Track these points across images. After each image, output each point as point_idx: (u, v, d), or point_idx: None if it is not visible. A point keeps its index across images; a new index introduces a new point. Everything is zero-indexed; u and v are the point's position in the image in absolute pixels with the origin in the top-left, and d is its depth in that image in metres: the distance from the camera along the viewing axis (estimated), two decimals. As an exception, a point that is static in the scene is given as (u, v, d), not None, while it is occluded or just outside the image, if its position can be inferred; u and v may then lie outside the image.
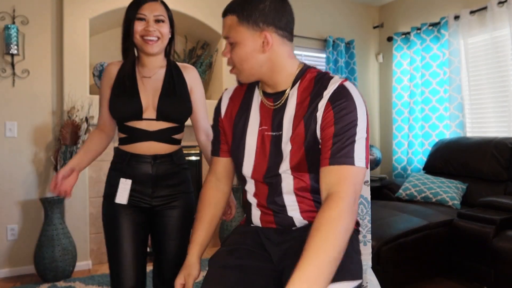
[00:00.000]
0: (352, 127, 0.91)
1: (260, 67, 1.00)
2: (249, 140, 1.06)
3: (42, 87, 2.79)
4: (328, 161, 0.91)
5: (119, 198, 1.34)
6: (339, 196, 0.86)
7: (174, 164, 1.41)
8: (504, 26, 3.06)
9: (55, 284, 2.52)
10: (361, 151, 0.91)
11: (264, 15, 0.95)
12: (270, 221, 1.08)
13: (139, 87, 1.36)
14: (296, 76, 1.02)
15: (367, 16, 4.35)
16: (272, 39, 0.97)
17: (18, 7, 2.70)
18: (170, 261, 1.39)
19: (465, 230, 2.31)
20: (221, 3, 3.32)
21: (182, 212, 1.41)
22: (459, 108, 3.39)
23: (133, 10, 1.32)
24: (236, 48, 0.98)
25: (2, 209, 2.69)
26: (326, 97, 0.95)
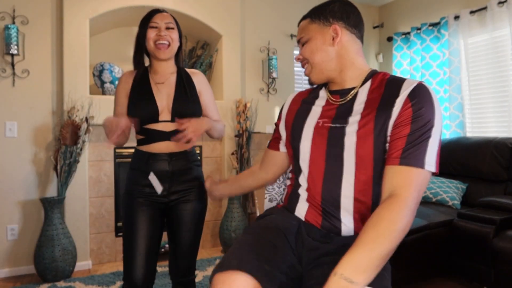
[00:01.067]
0: (428, 128, 0.90)
1: (330, 60, 1.04)
2: (306, 131, 1.08)
3: (42, 87, 2.79)
4: (399, 160, 0.89)
5: (158, 189, 1.48)
6: (403, 200, 0.85)
7: (188, 160, 1.54)
8: (504, 26, 3.06)
9: (55, 284, 2.52)
10: (433, 154, 0.89)
11: (334, 11, 1.04)
12: (317, 221, 1.05)
13: (154, 92, 1.49)
14: (368, 75, 1.04)
15: (367, 16, 4.35)
16: (342, 33, 1.03)
17: (18, 7, 2.70)
18: (185, 251, 1.52)
19: (465, 230, 2.31)
20: (221, 3, 3.32)
21: (195, 205, 1.54)
22: (459, 108, 3.39)
23: (146, 21, 1.48)
24: (308, 43, 1.07)
25: (2, 209, 2.69)
26: (404, 94, 0.94)
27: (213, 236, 3.45)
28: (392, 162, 0.90)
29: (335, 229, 1.03)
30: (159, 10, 1.52)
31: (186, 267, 1.53)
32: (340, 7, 1.05)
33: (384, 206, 0.86)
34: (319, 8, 1.07)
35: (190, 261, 1.54)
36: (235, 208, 3.24)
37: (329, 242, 1.03)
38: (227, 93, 3.38)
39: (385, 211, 0.85)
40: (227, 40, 3.37)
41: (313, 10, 1.08)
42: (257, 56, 3.64)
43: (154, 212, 1.48)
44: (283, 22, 3.77)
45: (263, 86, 3.67)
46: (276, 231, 1.05)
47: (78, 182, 2.81)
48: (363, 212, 1.01)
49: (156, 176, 1.49)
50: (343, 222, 1.02)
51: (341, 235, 1.03)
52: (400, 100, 0.94)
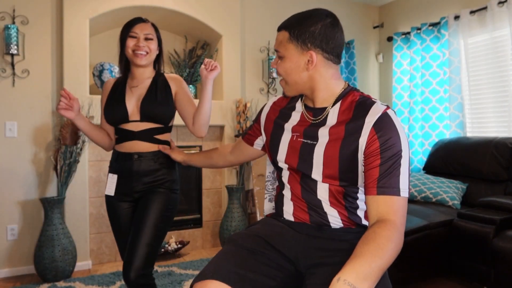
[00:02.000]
0: (398, 158, 0.97)
1: (304, 83, 1.08)
2: (284, 137, 1.15)
3: (42, 87, 2.79)
4: (376, 190, 0.96)
5: (107, 190, 1.61)
6: (392, 223, 0.92)
7: (155, 162, 1.59)
8: (504, 26, 3.06)
9: (55, 284, 2.52)
10: (405, 181, 0.96)
11: (313, 37, 1.03)
12: (304, 218, 1.12)
13: (127, 95, 1.60)
14: (338, 96, 1.08)
15: (367, 16, 4.36)
16: (317, 59, 1.04)
17: (18, 7, 2.70)
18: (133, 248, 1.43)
19: (465, 230, 2.31)
20: (221, 3, 3.32)
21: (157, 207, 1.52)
22: (459, 108, 3.39)
23: (126, 30, 1.58)
24: (283, 61, 1.09)
25: (2, 209, 2.69)
26: (369, 124, 0.99)
27: (213, 236, 3.45)
28: (370, 192, 0.97)
29: (323, 222, 1.09)
30: (140, 20, 1.61)
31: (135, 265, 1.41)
32: (321, 30, 1.03)
33: (379, 225, 0.92)
34: (300, 27, 1.04)
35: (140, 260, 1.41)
36: (235, 208, 3.24)
37: (321, 236, 1.08)
38: (227, 93, 3.38)
39: (380, 230, 0.90)
40: (227, 40, 3.37)
41: (294, 25, 1.05)
42: (257, 56, 3.64)
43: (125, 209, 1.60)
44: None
45: (263, 86, 3.67)
46: (255, 239, 1.10)
47: (78, 182, 2.81)
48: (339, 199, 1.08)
49: (123, 175, 1.58)
50: (329, 214, 1.08)
51: (331, 227, 1.09)
52: (365, 131, 0.99)
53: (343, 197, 1.07)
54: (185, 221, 3.35)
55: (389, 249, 0.87)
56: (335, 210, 1.08)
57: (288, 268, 1.05)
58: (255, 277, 0.98)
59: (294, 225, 1.13)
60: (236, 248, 1.07)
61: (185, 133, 3.32)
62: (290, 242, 1.09)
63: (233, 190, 3.26)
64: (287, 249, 1.08)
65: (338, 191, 1.06)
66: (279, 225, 1.15)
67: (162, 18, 3.22)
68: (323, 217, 1.09)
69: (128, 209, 1.61)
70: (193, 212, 3.42)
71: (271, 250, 1.07)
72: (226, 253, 1.06)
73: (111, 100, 1.61)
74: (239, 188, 3.29)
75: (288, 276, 1.04)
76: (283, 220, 1.16)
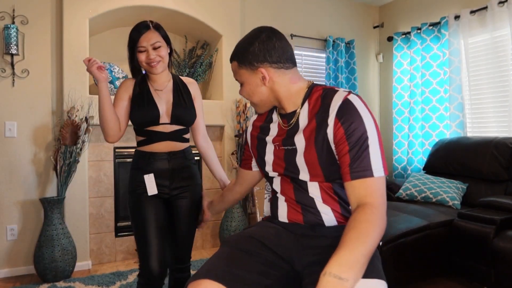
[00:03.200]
0: (364, 140, 0.98)
1: (267, 97, 1.13)
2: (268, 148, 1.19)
3: (42, 87, 2.79)
4: (349, 176, 0.98)
5: (150, 191, 1.60)
6: (372, 205, 0.94)
7: (186, 159, 1.70)
8: (504, 26, 3.05)
9: (55, 284, 2.52)
10: (377, 161, 0.97)
11: (255, 55, 1.08)
12: (298, 219, 1.13)
13: (155, 98, 1.64)
14: (304, 97, 1.11)
15: (367, 16, 4.35)
16: (268, 73, 1.09)
17: (18, 7, 2.70)
18: (182, 242, 1.69)
19: (465, 230, 2.31)
20: (221, 3, 3.32)
21: (190, 202, 1.69)
22: (459, 108, 3.39)
23: (133, 43, 1.58)
24: (243, 87, 1.15)
25: (2, 209, 2.68)
26: (333, 114, 1.02)
27: (213, 236, 3.45)
28: (346, 179, 0.99)
29: (317, 221, 1.11)
30: (144, 28, 1.57)
31: (182, 255, 1.71)
32: (260, 47, 1.08)
33: (359, 211, 0.93)
34: (242, 52, 1.10)
35: (186, 250, 1.72)
36: (235, 208, 3.24)
37: (316, 235, 1.10)
38: (227, 93, 3.38)
39: (360, 215, 0.91)
40: (227, 40, 3.37)
41: (238, 54, 1.12)
42: (257, 56, 3.63)
43: (160, 204, 1.63)
44: (283, 22, 3.77)
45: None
46: (250, 240, 1.12)
47: (78, 182, 2.81)
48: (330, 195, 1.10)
49: (158, 173, 1.63)
50: (322, 212, 1.10)
51: (325, 225, 1.10)
52: (330, 120, 1.02)
53: (334, 192, 1.09)
54: (185, 221, 3.35)
55: (370, 232, 0.88)
56: (328, 207, 1.09)
57: (284, 267, 1.07)
58: (249, 276, 0.99)
59: (288, 226, 1.15)
60: (230, 249, 1.09)
61: (185, 133, 3.32)
62: (284, 242, 1.11)
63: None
64: (282, 249, 1.10)
65: (328, 186, 1.08)
66: (273, 227, 1.17)
67: (162, 18, 3.22)
68: (316, 216, 1.10)
69: (159, 206, 1.63)
70: (193, 212, 3.42)
71: (266, 250, 1.09)
72: (220, 254, 1.08)
73: (140, 102, 1.62)
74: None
75: (284, 274, 1.05)
76: (278, 222, 1.18)
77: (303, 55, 3.97)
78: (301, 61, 3.98)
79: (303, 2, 3.88)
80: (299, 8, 3.83)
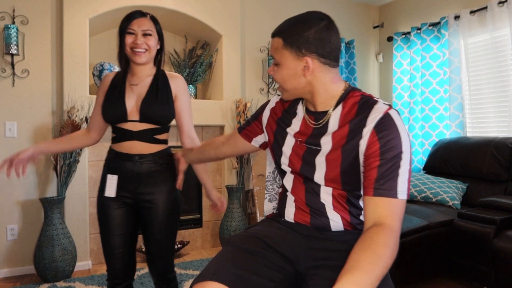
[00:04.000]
0: (397, 160, 0.94)
1: (302, 88, 1.06)
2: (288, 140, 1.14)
3: (42, 87, 2.79)
4: (373, 191, 0.95)
5: (107, 192, 1.52)
6: (390, 227, 0.91)
7: (156, 163, 1.54)
8: (504, 26, 3.05)
9: (55, 284, 2.52)
10: (404, 184, 0.94)
11: (308, 42, 1.00)
12: (305, 220, 1.11)
13: (127, 93, 1.53)
14: (339, 99, 1.05)
15: (367, 16, 4.35)
16: (313, 65, 1.01)
17: (18, 7, 2.70)
18: (159, 252, 1.55)
19: (465, 230, 2.31)
20: (221, 3, 3.32)
21: (164, 209, 1.54)
22: (459, 108, 3.39)
23: (124, 25, 1.50)
24: (280, 68, 1.06)
25: (2, 209, 2.69)
26: (370, 125, 0.97)
27: (213, 236, 3.45)
28: (367, 193, 0.96)
29: (324, 225, 1.09)
30: (139, 14, 1.52)
31: (162, 267, 1.57)
32: (316, 35, 1.00)
33: (377, 232, 0.90)
34: (294, 32, 1.01)
35: (166, 261, 1.57)
36: (235, 208, 3.24)
37: (322, 237, 1.08)
38: (227, 93, 3.38)
39: (378, 236, 0.89)
40: (227, 40, 3.37)
41: (287, 32, 1.03)
42: (257, 56, 3.64)
43: (125, 209, 1.53)
44: (283, 22, 3.76)
45: (263, 86, 3.67)
46: (255, 240, 1.10)
47: (78, 182, 2.81)
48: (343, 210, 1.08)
49: (123, 175, 1.52)
50: (331, 219, 1.08)
51: (331, 230, 1.09)
52: (366, 132, 0.98)
53: (346, 201, 1.07)
54: (185, 221, 3.35)
55: (387, 256, 0.86)
56: (338, 214, 1.07)
57: (288, 269, 1.05)
58: (254, 279, 0.98)
59: (295, 226, 1.13)
60: (235, 249, 1.07)
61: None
62: (290, 243, 1.09)
63: (233, 190, 3.26)
64: (287, 250, 1.08)
65: (341, 195, 1.06)
66: (279, 227, 1.15)
67: (162, 18, 3.22)
68: (324, 222, 1.08)
69: (124, 211, 1.53)
70: (193, 212, 3.42)
71: (270, 251, 1.07)
72: (225, 255, 1.05)
73: (110, 97, 1.53)
74: (239, 188, 3.29)
75: (288, 277, 1.04)
76: (284, 222, 1.16)
77: (303, 55, 3.96)
78: (301, 61, 3.97)
79: (303, 2, 3.88)
80: (299, 8, 3.83)
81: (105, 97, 1.55)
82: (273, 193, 1.36)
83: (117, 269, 1.52)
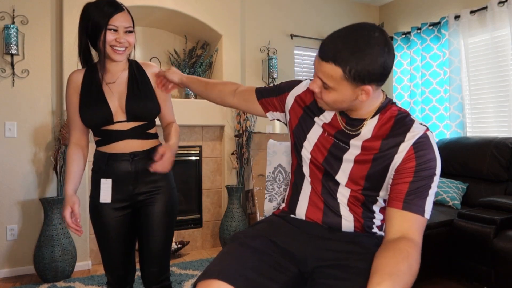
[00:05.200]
0: (430, 181, 0.97)
1: (348, 106, 1.02)
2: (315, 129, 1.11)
3: (42, 87, 2.78)
4: (401, 205, 0.97)
5: (103, 198, 1.42)
6: (417, 244, 0.95)
7: (152, 160, 1.40)
8: (504, 26, 3.05)
9: (55, 284, 2.52)
10: (430, 205, 0.98)
11: (372, 75, 0.92)
12: (317, 218, 1.11)
13: (106, 93, 1.41)
14: (378, 109, 1.04)
15: (367, 16, 4.35)
16: (371, 92, 0.96)
17: (18, 7, 2.70)
18: (155, 257, 1.46)
19: (465, 230, 2.31)
20: (221, 3, 3.32)
21: (163, 208, 1.45)
22: (459, 108, 3.39)
23: (103, 20, 1.33)
24: (331, 92, 0.98)
25: (2, 209, 2.68)
26: (409, 142, 0.98)
27: (213, 236, 3.45)
28: (395, 205, 0.98)
29: (336, 224, 1.08)
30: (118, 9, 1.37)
31: (157, 273, 1.46)
32: (381, 67, 0.91)
33: (409, 245, 0.93)
34: (357, 65, 0.90)
35: (161, 267, 1.47)
36: (235, 208, 3.24)
37: (332, 238, 1.08)
38: (227, 93, 3.37)
39: (411, 250, 0.92)
40: (227, 40, 3.37)
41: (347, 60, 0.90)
42: (257, 56, 3.64)
43: (121, 212, 1.44)
44: (283, 22, 3.77)
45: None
46: (261, 238, 1.08)
47: (78, 182, 2.81)
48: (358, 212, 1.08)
49: (119, 177, 1.42)
50: (344, 217, 1.08)
51: (342, 230, 1.08)
52: (404, 147, 0.98)
53: (361, 204, 1.07)
54: (185, 221, 3.35)
55: (416, 270, 0.90)
56: (352, 215, 1.08)
57: (292, 270, 1.04)
58: (258, 279, 0.97)
59: (304, 225, 1.12)
60: (241, 247, 1.05)
61: (185, 132, 3.32)
62: (299, 243, 1.08)
63: (233, 190, 3.25)
64: (295, 249, 1.07)
65: (358, 198, 1.06)
66: (287, 225, 1.14)
67: (162, 18, 3.22)
68: (336, 220, 1.08)
69: (121, 217, 1.44)
70: (193, 212, 3.42)
71: (276, 251, 1.06)
72: (231, 252, 1.04)
73: (87, 100, 1.40)
74: (239, 188, 3.29)
75: (291, 278, 1.03)
76: (292, 220, 1.15)
77: (303, 55, 3.97)
78: (301, 61, 3.97)
79: (303, 2, 3.88)
80: (299, 8, 3.83)
81: (81, 101, 1.42)
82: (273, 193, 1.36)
83: (119, 276, 1.47)
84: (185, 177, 3.36)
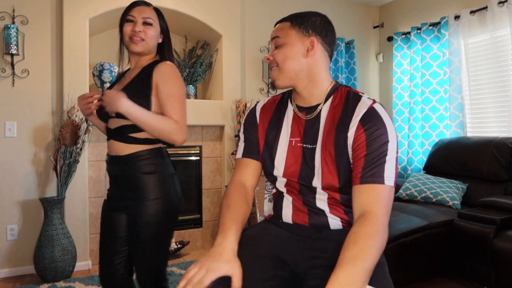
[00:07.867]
0: (384, 149, 0.97)
1: (300, 71, 1.07)
2: (280, 147, 1.12)
3: (42, 87, 2.78)
4: (359, 180, 0.96)
5: None
6: (375, 216, 0.91)
7: (128, 167, 1.35)
8: (504, 26, 3.05)
9: (55, 284, 2.52)
10: (391, 170, 0.96)
11: (315, 26, 1.08)
12: (303, 221, 1.11)
13: (115, 87, 1.43)
14: (329, 92, 1.09)
15: (367, 16, 4.35)
16: (317, 46, 1.07)
17: (18, 7, 2.70)
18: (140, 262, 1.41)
19: (465, 230, 2.31)
20: (221, 3, 3.32)
21: (133, 220, 1.37)
22: (459, 108, 3.39)
23: (125, 13, 1.41)
24: (283, 48, 1.08)
25: (2, 209, 2.68)
26: (356, 119, 1.01)
27: (213, 236, 3.45)
28: (355, 182, 0.98)
29: (323, 224, 1.09)
30: (141, 2, 1.41)
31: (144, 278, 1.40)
32: (322, 22, 1.09)
33: (359, 224, 0.91)
34: (302, 17, 1.09)
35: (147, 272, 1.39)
36: (235, 208, 3.24)
37: (321, 237, 1.08)
38: (227, 93, 3.38)
39: (360, 228, 0.90)
40: (227, 40, 3.37)
41: (295, 16, 1.10)
42: (257, 56, 3.64)
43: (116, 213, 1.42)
44: (283, 22, 3.76)
45: (263, 86, 3.67)
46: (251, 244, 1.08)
47: (78, 182, 2.81)
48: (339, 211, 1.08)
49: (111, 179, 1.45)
50: (329, 217, 1.08)
51: (330, 228, 1.09)
52: (353, 125, 1.01)
53: (341, 203, 1.07)
54: (185, 221, 3.35)
55: (371, 247, 0.86)
56: (335, 215, 1.08)
57: (282, 274, 1.03)
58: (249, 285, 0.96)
59: (293, 228, 1.12)
60: None
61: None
62: (288, 245, 1.09)
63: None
64: (284, 252, 1.07)
65: (336, 199, 1.07)
66: (276, 229, 1.14)
67: (162, 18, 3.22)
68: (323, 220, 1.09)
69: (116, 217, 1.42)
70: (193, 212, 3.42)
71: (266, 255, 1.06)
72: None
73: None
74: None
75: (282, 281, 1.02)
76: (281, 223, 1.15)
77: (303, 55, 3.96)
78: (301, 61, 3.97)
79: (303, 2, 3.88)
80: (299, 8, 3.83)
81: None
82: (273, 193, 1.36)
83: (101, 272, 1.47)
84: (185, 177, 3.36)
